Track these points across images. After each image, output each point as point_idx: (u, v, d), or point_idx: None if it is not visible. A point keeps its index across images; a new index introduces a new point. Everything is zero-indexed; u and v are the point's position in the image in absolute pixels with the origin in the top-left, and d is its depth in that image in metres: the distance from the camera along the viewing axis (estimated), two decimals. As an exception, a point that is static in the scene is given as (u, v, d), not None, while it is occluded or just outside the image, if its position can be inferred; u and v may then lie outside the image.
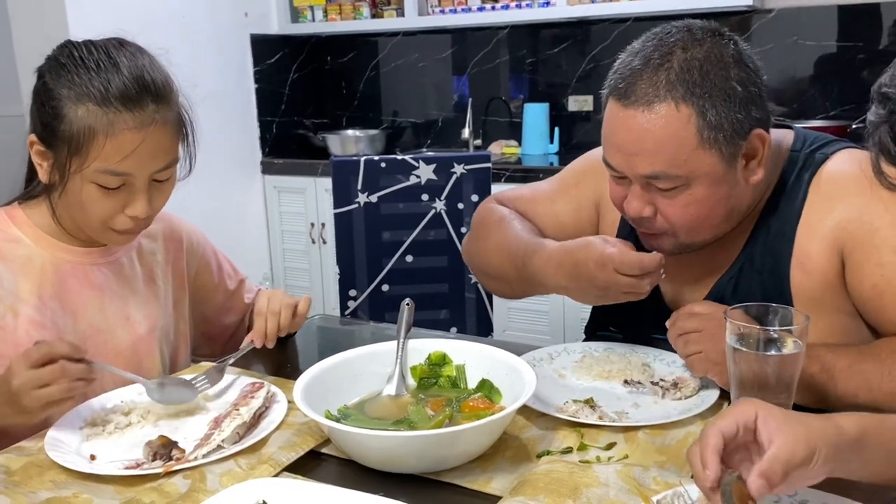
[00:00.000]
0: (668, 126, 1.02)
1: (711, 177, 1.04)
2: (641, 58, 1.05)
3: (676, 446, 0.94)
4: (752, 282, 1.15)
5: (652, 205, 1.08)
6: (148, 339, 1.21)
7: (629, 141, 1.05)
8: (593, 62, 3.36)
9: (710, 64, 1.02)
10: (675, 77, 1.02)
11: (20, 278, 1.11)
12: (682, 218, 1.07)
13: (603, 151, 1.11)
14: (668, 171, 1.03)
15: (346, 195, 2.09)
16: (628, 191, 1.10)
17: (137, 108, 1.03)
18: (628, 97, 1.04)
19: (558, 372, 1.16)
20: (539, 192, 1.40)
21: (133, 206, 1.07)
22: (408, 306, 1.19)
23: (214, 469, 0.91)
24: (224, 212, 3.35)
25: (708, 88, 1.01)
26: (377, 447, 0.89)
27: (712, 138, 1.02)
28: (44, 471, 0.93)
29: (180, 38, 3.14)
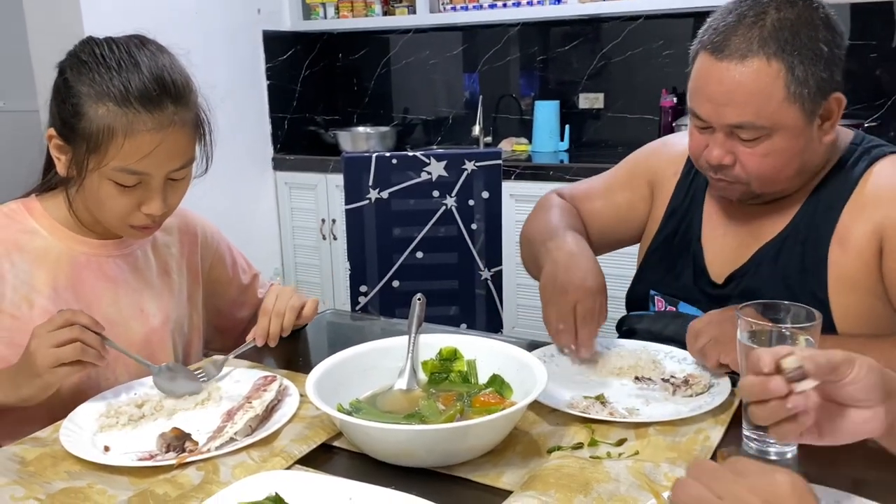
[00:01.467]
0: (758, 79, 1.08)
1: (792, 130, 1.10)
2: (736, 15, 1.10)
3: (687, 443, 0.94)
4: (794, 251, 1.20)
5: (732, 153, 1.14)
6: (161, 331, 1.22)
7: (720, 92, 1.10)
8: (604, 60, 3.35)
9: (800, 24, 1.08)
10: (768, 34, 1.08)
11: (36, 269, 1.12)
12: (760, 167, 1.13)
13: (690, 102, 1.17)
14: (755, 122, 1.09)
15: (357, 191, 2.09)
16: (710, 140, 1.16)
17: (157, 110, 1.04)
18: (721, 51, 1.09)
19: (569, 368, 1.17)
20: (595, 188, 1.49)
21: (149, 203, 1.09)
22: (419, 301, 1.20)
23: (227, 461, 0.91)
24: (236, 207, 3.36)
25: (798, 47, 1.07)
26: (389, 441, 0.90)
27: (798, 93, 1.08)
28: (58, 461, 0.94)
29: (193, 35, 3.15)
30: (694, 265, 1.31)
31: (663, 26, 3.19)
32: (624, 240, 1.49)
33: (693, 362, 1.14)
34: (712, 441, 0.94)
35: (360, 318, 1.85)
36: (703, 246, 1.31)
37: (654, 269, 1.39)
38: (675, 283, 1.34)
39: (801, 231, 1.20)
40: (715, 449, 0.93)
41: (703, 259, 1.30)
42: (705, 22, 1.16)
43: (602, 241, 1.43)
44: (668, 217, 1.37)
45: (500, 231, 2.16)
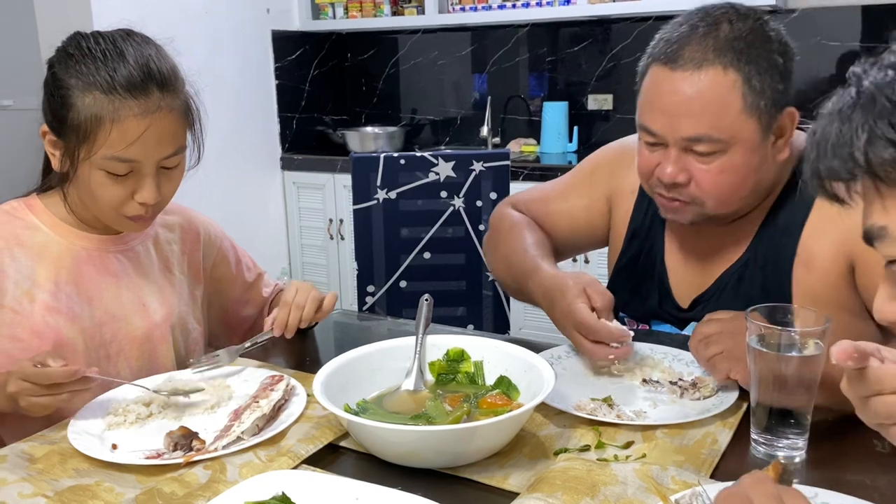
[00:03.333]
0: (715, 89, 1.05)
1: (748, 144, 1.08)
2: (688, 26, 1.09)
3: (695, 446, 0.93)
4: (755, 276, 1.18)
5: (687, 171, 1.11)
6: (163, 326, 1.23)
7: (675, 103, 1.08)
8: (613, 61, 3.35)
9: (754, 36, 1.07)
10: (723, 44, 1.06)
11: (37, 264, 1.12)
12: (715, 185, 1.10)
13: (640, 118, 1.14)
14: (711, 134, 1.07)
15: (365, 191, 2.09)
16: (661, 158, 1.12)
17: (142, 96, 1.05)
18: (675, 61, 1.07)
19: (576, 370, 1.16)
20: (552, 192, 1.44)
21: (142, 192, 1.09)
22: (427, 302, 1.20)
23: (234, 460, 0.91)
24: (244, 207, 3.37)
25: (754, 56, 1.06)
26: (396, 441, 0.90)
27: (754, 105, 1.06)
28: (66, 459, 0.94)
29: (203, 34, 3.17)
30: (659, 288, 1.29)
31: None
32: (584, 245, 1.47)
33: (699, 365, 1.14)
34: (720, 444, 0.94)
35: (368, 319, 1.85)
36: (667, 267, 1.29)
37: (621, 292, 1.33)
38: (643, 306, 1.32)
39: (761, 256, 1.18)
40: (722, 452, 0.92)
41: (667, 282, 1.28)
42: (654, 37, 1.14)
43: (562, 246, 1.41)
44: (631, 238, 1.34)
45: (507, 232, 2.15)
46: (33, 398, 0.96)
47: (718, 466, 0.90)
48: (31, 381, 0.95)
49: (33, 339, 1.10)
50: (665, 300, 1.28)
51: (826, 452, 0.93)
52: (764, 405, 0.92)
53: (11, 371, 0.98)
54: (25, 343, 1.09)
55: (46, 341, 1.10)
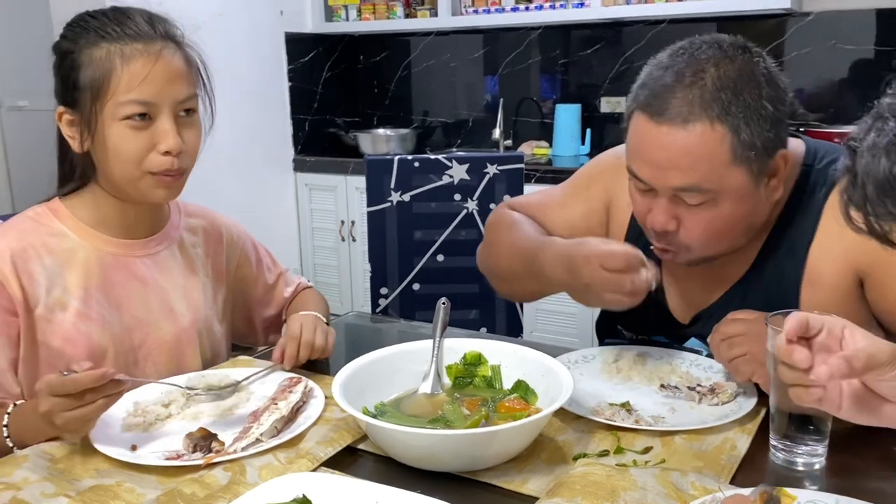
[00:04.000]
0: (703, 144, 1.01)
1: (739, 193, 1.05)
2: (673, 73, 1.04)
3: (714, 452, 0.93)
4: (759, 295, 1.15)
5: (676, 219, 1.08)
6: (190, 330, 1.23)
7: (662, 157, 1.04)
8: (626, 64, 3.34)
9: (742, 82, 1.01)
10: (710, 95, 1.01)
11: (67, 271, 1.13)
12: (705, 232, 1.08)
13: (629, 162, 1.11)
14: (700, 185, 1.03)
15: (379, 194, 2.10)
16: (652, 204, 1.09)
17: (147, 38, 1.09)
18: (661, 114, 1.03)
19: (593, 374, 1.16)
20: (550, 198, 1.41)
21: (164, 139, 1.09)
22: (444, 305, 1.20)
23: (254, 462, 0.92)
24: (256, 208, 3.38)
25: (742, 107, 1.01)
26: (415, 444, 0.90)
27: (744, 156, 1.02)
28: (87, 459, 0.95)
29: (216, 36, 3.16)
30: (657, 307, 1.25)
31: (687, 31, 3.15)
32: None
33: (719, 370, 1.13)
34: (739, 450, 0.94)
35: (381, 321, 1.86)
36: (666, 290, 1.25)
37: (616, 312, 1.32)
38: (641, 324, 1.31)
39: (766, 273, 1.15)
40: (741, 458, 0.92)
41: (665, 304, 1.26)
42: (638, 78, 1.09)
43: None
44: None
45: (521, 235, 2.15)
46: (67, 413, 0.90)
47: (738, 472, 0.90)
48: (61, 395, 0.90)
49: (66, 346, 1.10)
50: (665, 320, 1.26)
51: (846, 459, 0.92)
52: (783, 411, 0.92)
53: (38, 390, 0.92)
54: (57, 350, 1.10)
55: (78, 348, 1.10)
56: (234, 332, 1.40)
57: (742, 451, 0.94)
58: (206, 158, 1.20)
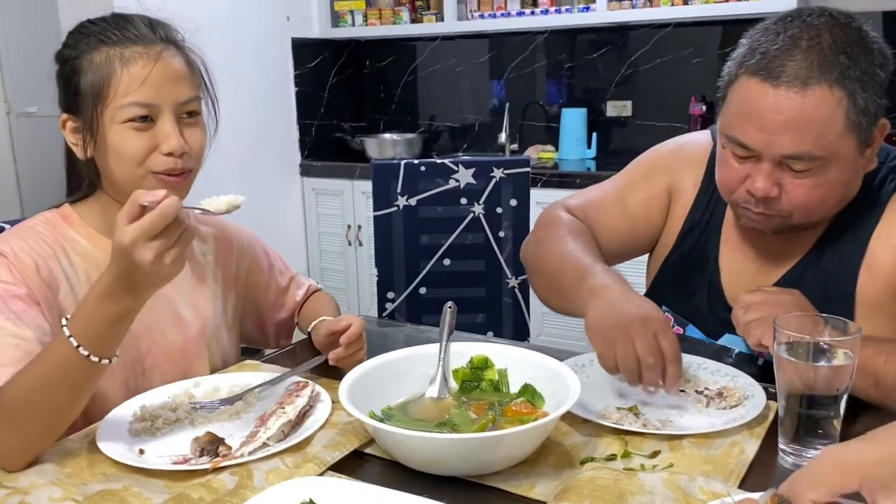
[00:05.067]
0: (821, 108, 1.01)
1: (845, 160, 1.05)
2: (788, 38, 1.03)
3: (722, 456, 0.93)
4: (816, 280, 1.16)
5: (778, 185, 1.07)
6: (198, 340, 1.23)
7: (778, 121, 1.03)
8: (632, 67, 3.34)
9: (858, 48, 1.02)
10: (829, 59, 1.01)
11: (79, 276, 1.13)
12: (808, 199, 1.07)
13: (730, 130, 1.09)
14: (812, 152, 1.03)
15: (385, 198, 2.10)
16: (753, 170, 1.08)
17: (147, 41, 1.09)
18: (778, 77, 1.02)
19: (600, 378, 1.16)
20: (607, 193, 1.40)
21: (166, 140, 1.08)
22: (450, 309, 1.20)
23: (261, 466, 0.92)
24: (263, 212, 3.39)
25: (859, 72, 1.01)
26: (422, 448, 0.90)
27: (857, 122, 1.03)
28: (95, 463, 0.95)
29: (224, 42, 3.19)
30: (709, 287, 1.26)
31: (692, 34, 3.18)
32: (637, 249, 1.40)
33: (727, 374, 1.13)
34: (748, 454, 0.93)
35: (387, 325, 1.86)
36: (720, 267, 1.26)
37: (667, 285, 1.34)
38: (688, 303, 1.30)
39: (824, 260, 1.15)
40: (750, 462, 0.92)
41: (719, 281, 1.26)
42: (742, 43, 1.09)
43: (615, 252, 1.35)
44: (686, 233, 1.31)
45: (527, 239, 2.15)
46: (172, 250, 0.89)
47: (746, 476, 0.89)
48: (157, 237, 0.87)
49: None
50: (714, 300, 1.25)
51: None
52: (792, 415, 0.92)
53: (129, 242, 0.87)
54: None
55: None
56: (244, 336, 1.40)
57: (751, 454, 0.93)
58: (212, 163, 1.21)
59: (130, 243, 0.87)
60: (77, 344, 0.91)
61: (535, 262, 1.36)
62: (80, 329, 0.92)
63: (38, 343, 1.01)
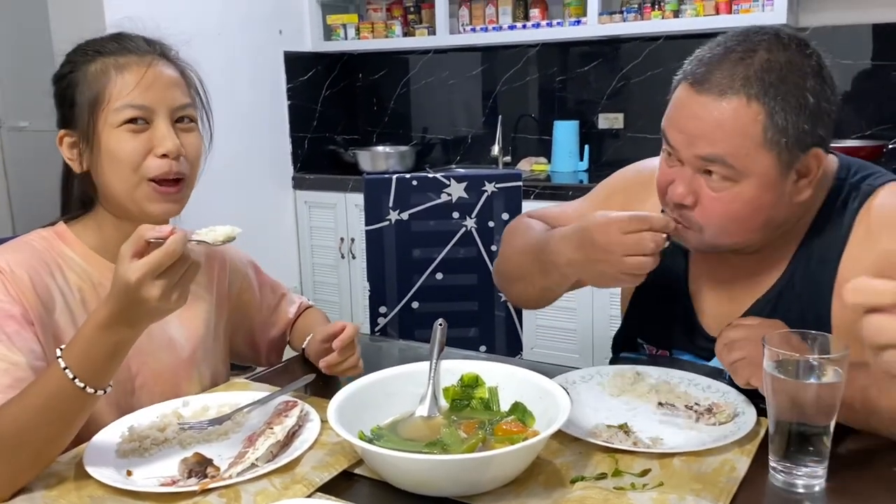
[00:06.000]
0: (735, 118, 1.03)
1: (763, 179, 1.05)
2: (724, 48, 1.06)
3: (713, 474, 0.92)
4: (792, 305, 1.14)
5: (695, 194, 1.08)
6: (188, 361, 1.23)
7: (694, 125, 1.06)
8: (623, 80, 3.36)
9: (789, 70, 1.03)
10: (753, 74, 1.02)
11: (76, 294, 1.12)
12: (721, 214, 1.08)
13: (663, 126, 1.12)
14: (725, 158, 1.04)
15: (377, 212, 2.10)
16: (676, 175, 1.10)
17: (141, 50, 1.12)
18: (702, 84, 1.05)
19: (591, 395, 1.16)
20: (569, 209, 1.42)
21: (161, 142, 1.08)
22: (440, 327, 1.19)
23: (249, 488, 0.91)
24: (256, 225, 3.39)
25: (782, 92, 1.02)
26: (411, 470, 0.89)
27: (774, 141, 1.03)
28: (81, 486, 0.94)
29: (216, 55, 3.20)
30: (684, 316, 1.26)
31: (683, 47, 3.17)
32: None
33: (717, 390, 1.13)
34: (738, 472, 0.93)
35: (379, 340, 1.85)
36: (692, 294, 1.26)
37: (641, 317, 1.34)
38: (665, 334, 1.29)
39: (797, 285, 1.15)
40: (741, 480, 0.91)
41: (693, 310, 1.25)
42: (694, 52, 1.12)
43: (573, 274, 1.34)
44: None
45: (519, 252, 2.15)
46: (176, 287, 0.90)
47: (737, 495, 0.89)
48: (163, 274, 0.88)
49: None
50: (693, 331, 1.25)
51: (845, 481, 0.92)
52: (782, 432, 0.91)
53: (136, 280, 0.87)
54: None
55: None
56: (235, 354, 1.39)
57: (741, 472, 0.93)
58: (205, 176, 1.20)
59: (137, 281, 0.88)
60: (73, 375, 0.91)
61: (504, 266, 1.39)
62: (76, 360, 0.92)
63: (28, 368, 1.00)
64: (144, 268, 0.88)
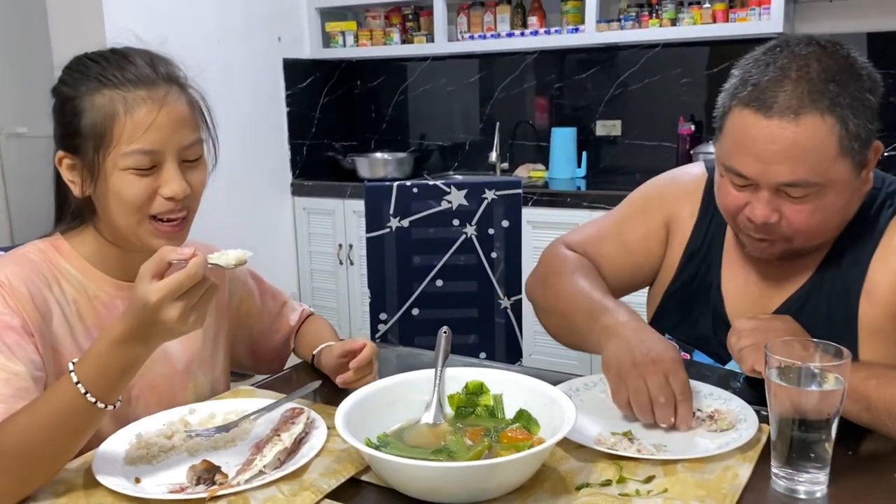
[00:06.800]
0: (814, 136, 1.03)
1: (842, 185, 1.07)
2: (777, 69, 1.05)
3: (716, 481, 0.93)
4: (819, 305, 1.17)
5: (778, 211, 1.09)
6: (183, 373, 1.23)
7: (772, 151, 1.05)
8: (621, 87, 3.38)
9: (846, 75, 1.04)
10: (819, 87, 1.03)
11: (73, 306, 1.13)
12: (807, 224, 1.09)
13: (728, 160, 1.11)
14: (808, 179, 1.05)
15: (378, 219, 2.11)
16: (752, 197, 1.10)
17: (150, 85, 1.07)
18: (770, 108, 1.04)
19: (595, 402, 1.16)
20: (605, 228, 1.42)
21: (168, 184, 1.07)
22: (445, 335, 1.20)
23: (257, 495, 0.92)
24: (254, 232, 3.40)
25: (849, 99, 1.03)
26: (418, 477, 0.90)
27: (849, 147, 1.05)
28: (90, 493, 0.94)
29: (215, 63, 3.20)
30: (713, 314, 1.28)
31: (681, 54, 3.22)
32: (637, 283, 1.41)
33: (719, 397, 1.14)
34: (741, 479, 0.94)
35: (380, 347, 1.85)
36: (723, 294, 1.27)
37: (670, 314, 1.35)
38: (693, 331, 1.31)
39: (826, 284, 1.17)
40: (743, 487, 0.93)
41: (723, 308, 1.27)
42: (734, 74, 1.11)
43: (616, 287, 1.35)
44: (687, 261, 1.32)
45: (519, 260, 2.17)
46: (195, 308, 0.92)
47: (740, 501, 0.90)
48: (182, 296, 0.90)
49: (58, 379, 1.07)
50: (719, 327, 1.26)
51: (847, 487, 0.93)
52: (784, 439, 0.92)
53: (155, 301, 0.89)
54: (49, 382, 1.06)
55: None
56: (236, 362, 1.40)
57: (744, 479, 0.94)
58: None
59: (158, 301, 0.89)
60: (85, 390, 0.92)
61: (545, 302, 1.37)
62: (89, 374, 0.93)
63: (29, 378, 1.01)
64: (165, 289, 0.89)
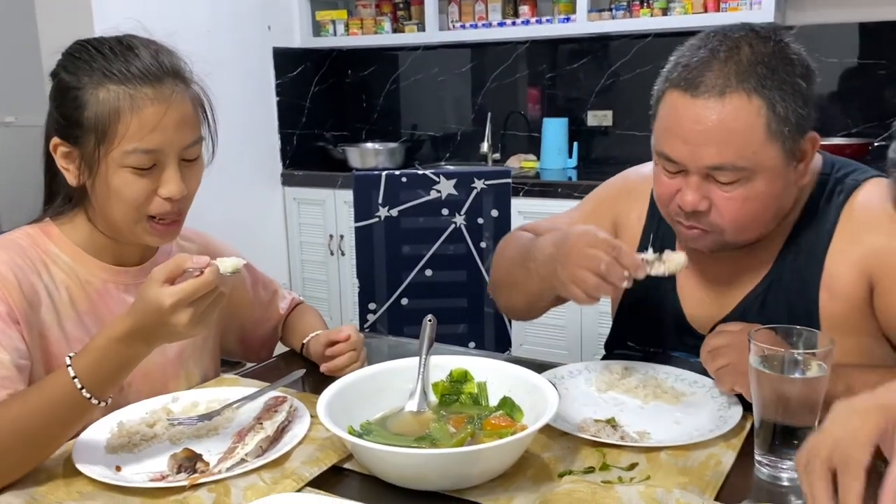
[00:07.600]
0: (739, 117, 1.02)
1: (772, 171, 1.05)
2: (707, 50, 1.05)
3: (699, 468, 0.93)
4: (779, 300, 1.16)
5: (708, 198, 1.07)
6: (175, 361, 1.22)
7: (698, 131, 1.04)
8: (612, 77, 3.37)
9: (776, 59, 1.03)
10: (746, 68, 1.02)
11: (60, 294, 1.11)
12: (737, 213, 1.07)
13: (659, 145, 1.10)
14: (735, 163, 1.03)
15: (366, 209, 2.10)
16: (681, 184, 1.09)
17: (157, 82, 1.05)
18: (696, 87, 1.03)
19: (579, 390, 1.16)
20: (560, 221, 1.42)
21: (166, 185, 1.06)
22: (430, 322, 1.20)
23: (238, 483, 0.91)
24: (244, 222, 3.38)
25: (777, 81, 1.02)
26: (400, 464, 0.90)
27: (778, 131, 1.03)
28: (70, 482, 0.94)
29: (205, 51, 3.15)
30: (674, 319, 1.27)
31: (672, 44, 3.17)
32: None
33: (704, 385, 1.14)
34: (724, 466, 0.94)
35: (368, 337, 1.85)
36: (680, 296, 1.26)
37: (630, 320, 1.34)
38: (656, 336, 1.30)
39: (785, 279, 1.15)
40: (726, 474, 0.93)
41: (682, 311, 1.26)
42: (670, 60, 1.10)
43: None
44: None
45: (508, 249, 2.16)
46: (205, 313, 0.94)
47: (723, 488, 0.90)
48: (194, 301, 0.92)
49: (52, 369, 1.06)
50: (682, 331, 1.26)
51: (830, 474, 0.93)
52: (767, 426, 0.92)
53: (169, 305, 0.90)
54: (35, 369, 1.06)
55: None
56: (225, 350, 1.39)
57: (727, 466, 0.94)
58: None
59: (171, 306, 0.91)
60: (80, 385, 0.92)
61: (493, 278, 1.39)
62: (86, 369, 0.93)
63: (12, 367, 1.00)
64: (180, 294, 0.91)
